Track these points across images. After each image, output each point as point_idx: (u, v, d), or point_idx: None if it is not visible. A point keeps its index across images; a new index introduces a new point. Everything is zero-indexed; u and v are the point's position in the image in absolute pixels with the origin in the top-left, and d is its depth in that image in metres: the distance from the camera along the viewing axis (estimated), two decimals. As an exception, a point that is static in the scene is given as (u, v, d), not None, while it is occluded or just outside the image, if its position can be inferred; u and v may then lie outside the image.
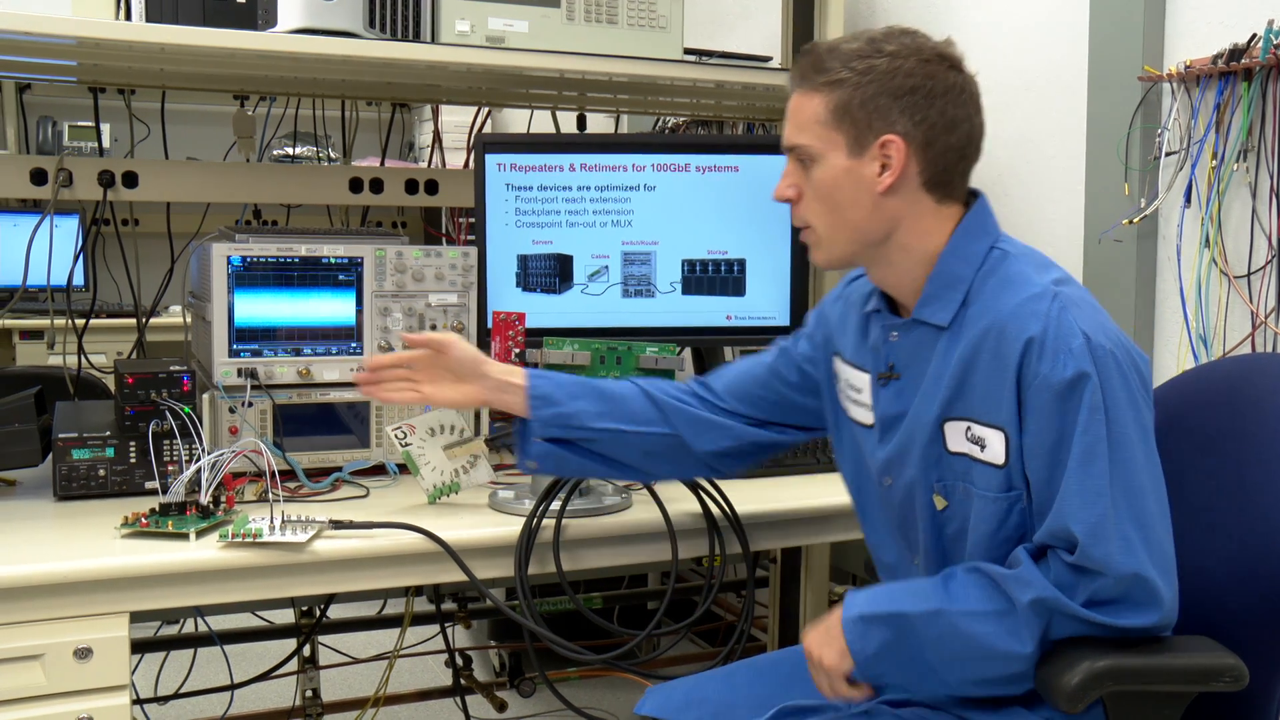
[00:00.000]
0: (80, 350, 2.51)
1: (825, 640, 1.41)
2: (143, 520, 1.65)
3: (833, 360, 1.62)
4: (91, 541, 1.61)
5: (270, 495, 1.73)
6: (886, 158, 1.39)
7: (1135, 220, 2.07)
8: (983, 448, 1.38)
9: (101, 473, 1.83)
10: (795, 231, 1.86)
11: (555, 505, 1.75)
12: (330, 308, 2.01)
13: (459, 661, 2.85)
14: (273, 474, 1.73)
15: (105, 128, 3.17)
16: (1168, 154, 2.03)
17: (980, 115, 1.44)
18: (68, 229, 3.62)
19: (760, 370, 1.70)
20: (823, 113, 1.41)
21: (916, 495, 1.46)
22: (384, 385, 1.68)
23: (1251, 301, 1.93)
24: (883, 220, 1.42)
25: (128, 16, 2.01)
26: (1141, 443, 1.32)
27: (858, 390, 1.55)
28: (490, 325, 2.00)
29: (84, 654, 1.52)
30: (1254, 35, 1.87)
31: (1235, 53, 1.90)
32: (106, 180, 2.34)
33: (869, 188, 1.41)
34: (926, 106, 1.39)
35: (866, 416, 1.54)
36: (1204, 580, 1.45)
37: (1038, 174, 2.39)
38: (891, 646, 1.36)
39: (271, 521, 1.63)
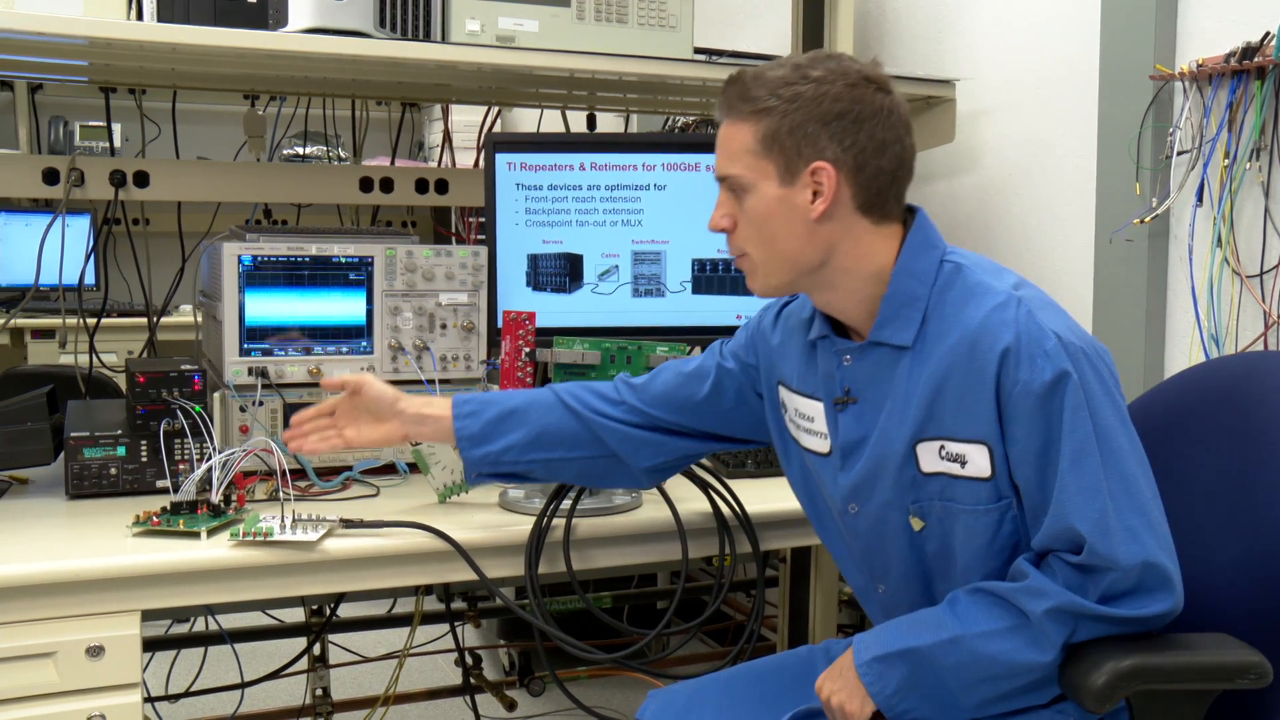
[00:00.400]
0: (91, 349, 2.52)
1: (842, 688, 1.40)
2: (154, 519, 1.65)
3: (778, 389, 1.60)
4: (103, 540, 1.62)
5: (281, 494, 1.73)
6: (818, 184, 1.38)
7: (1147, 220, 2.07)
8: (963, 464, 1.37)
9: (113, 471, 1.84)
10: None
11: (565, 504, 1.75)
12: (341, 307, 2.01)
13: (468, 660, 2.85)
14: (283, 473, 1.73)
15: (116, 128, 3.17)
16: (1179, 153, 2.03)
17: (910, 136, 1.43)
18: (79, 228, 3.63)
19: (694, 385, 1.66)
20: (752, 142, 1.40)
21: (890, 518, 1.44)
22: (309, 437, 1.70)
23: (1264, 301, 1.92)
24: (818, 247, 1.41)
25: (139, 16, 2.01)
26: (1124, 431, 1.32)
27: (809, 419, 1.53)
28: (500, 324, 2.01)
29: (96, 652, 1.52)
30: (1267, 34, 1.87)
31: (1248, 51, 1.89)
32: (118, 180, 2.35)
33: (802, 215, 1.40)
34: (855, 131, 1.37)
35: (822, 445, 1.52)
36: (1214, 580, 1.45)
37: (1048, 173, 2.38)
38: (911, 681, 1.36)
39: (282, 520, 1.63)
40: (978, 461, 1.36)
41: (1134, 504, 1.30)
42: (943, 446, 1.38)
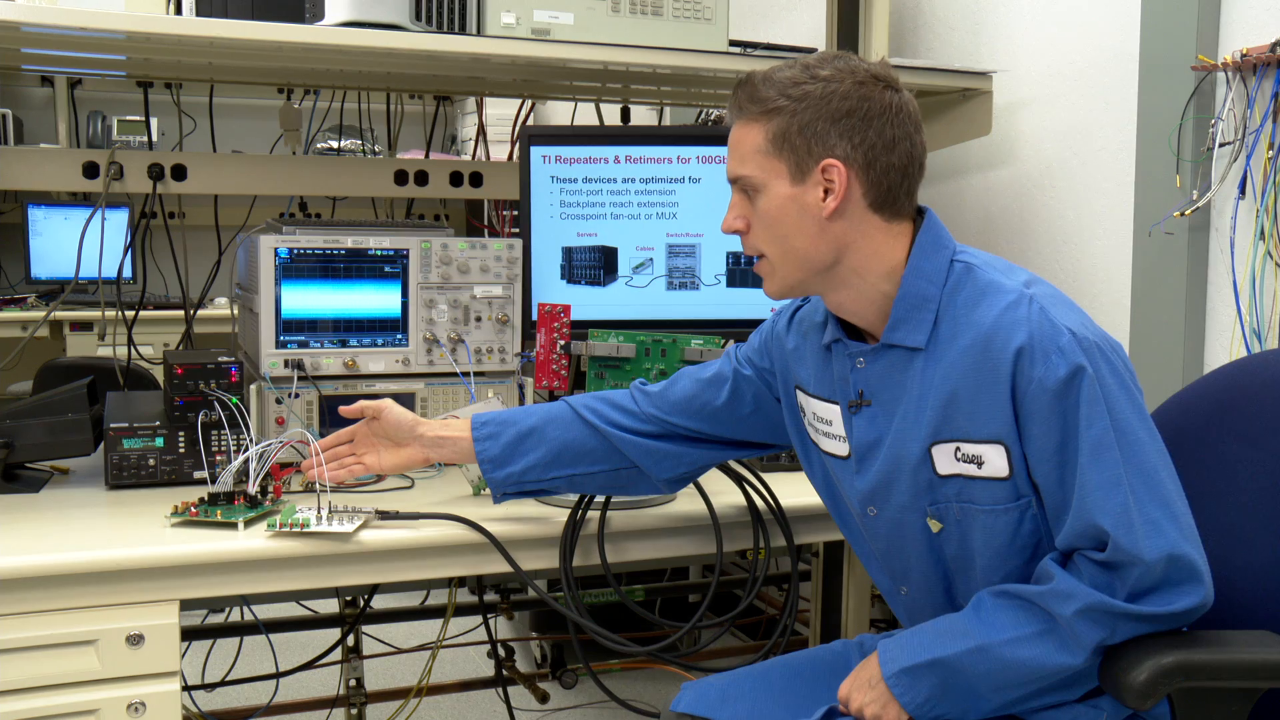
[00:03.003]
0: (130, 342, 2.54)
1: (874, 699, 1.40)
2: (192, 509, 1.67)
3: (795, 393, 1.60)
4: (142, 530, 1.63)
5: (317, 485, 1.74)
6: (829, 182, 1.39)
7: (1187, 212, 2.04)
8: (980, 465, 1.36)
9: (151, 462, 1.85)
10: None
11: (600, 497, 1.75)
12: (376, 299, 2.02)
13: (501, 652, 2.86)
14: (319, 464, 1.74)
15: (153, 122, 3.20)
16: (1221, 145, 2.00)
17: (920, 133, 1.42)
18: (117, 222, 3.67)
19: (713, 391, 1.66)
20: (762, 142, 1.41)
21: (908, 521, 1.44)
22: (329, 465, 1.73)
23: (1307, 295, 1.89)
24: (830, 245, 1.41)
25: (178, 11, 2.03)
26: (1142, 425, 1.31)
27: (828, 422, 1.53)
28: (535, 317, 2.01)
29: (136, 640, 1.54)
30: (1312, 23, 1.84)
31: (1292, 41, 1.86)
32: (156, 173, 2.37)
33: (814, 213, 1.40)
34: (864, 128, 1.38)
35: (841, 448, 1.52)
36: (1256, 578, 1.43)
37: (1087, 166, 2.36)
38: (941, 689, 1.36)
39: (319, 511, 1.64)
40: (995, 462, 1.35)
41: (1155, 496, 1.28)
42: (958, 448, 1.38)
